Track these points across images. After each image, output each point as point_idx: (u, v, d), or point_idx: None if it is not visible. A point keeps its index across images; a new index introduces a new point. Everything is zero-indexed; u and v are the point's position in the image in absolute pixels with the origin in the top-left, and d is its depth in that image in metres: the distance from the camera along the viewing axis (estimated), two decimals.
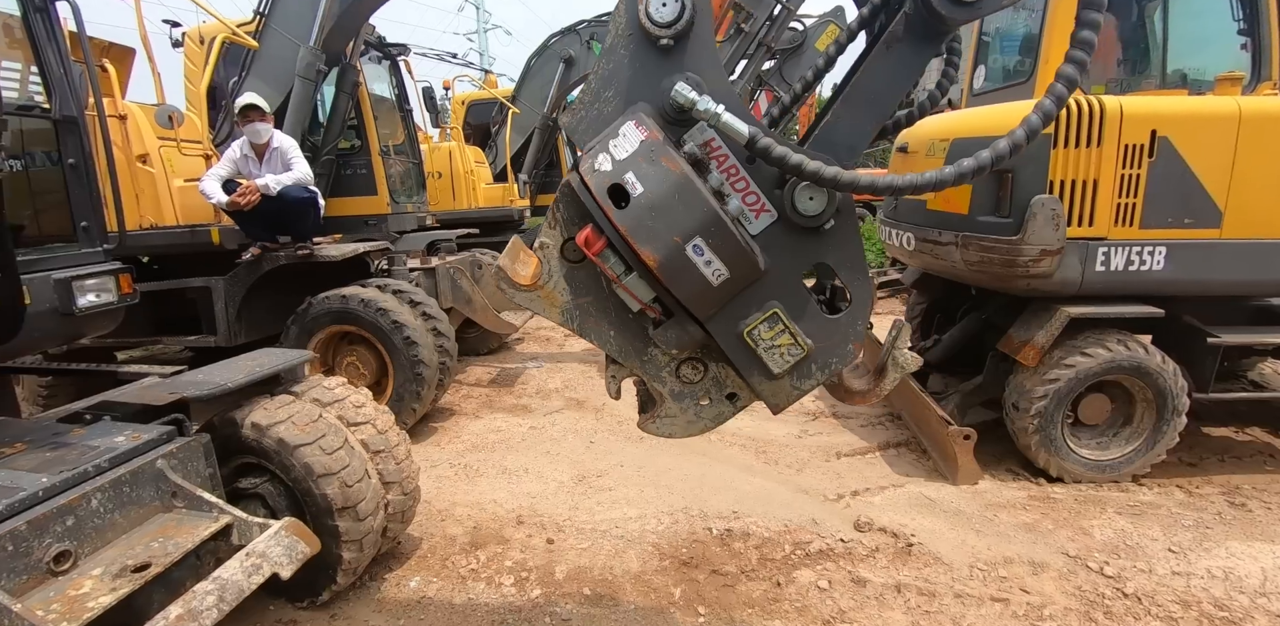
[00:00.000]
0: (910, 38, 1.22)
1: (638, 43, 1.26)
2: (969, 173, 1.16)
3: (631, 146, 1.19)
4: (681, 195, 1.17)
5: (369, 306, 4.29)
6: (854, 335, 1.35)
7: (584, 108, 1.30)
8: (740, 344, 1.32)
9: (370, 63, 5.85)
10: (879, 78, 1.25)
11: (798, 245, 1.30)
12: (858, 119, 1.27)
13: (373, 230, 5.82)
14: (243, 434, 2.49)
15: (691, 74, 1.25)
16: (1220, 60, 4.06)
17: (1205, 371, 3.87)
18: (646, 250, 1.17)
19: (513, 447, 4.63)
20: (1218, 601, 2.84)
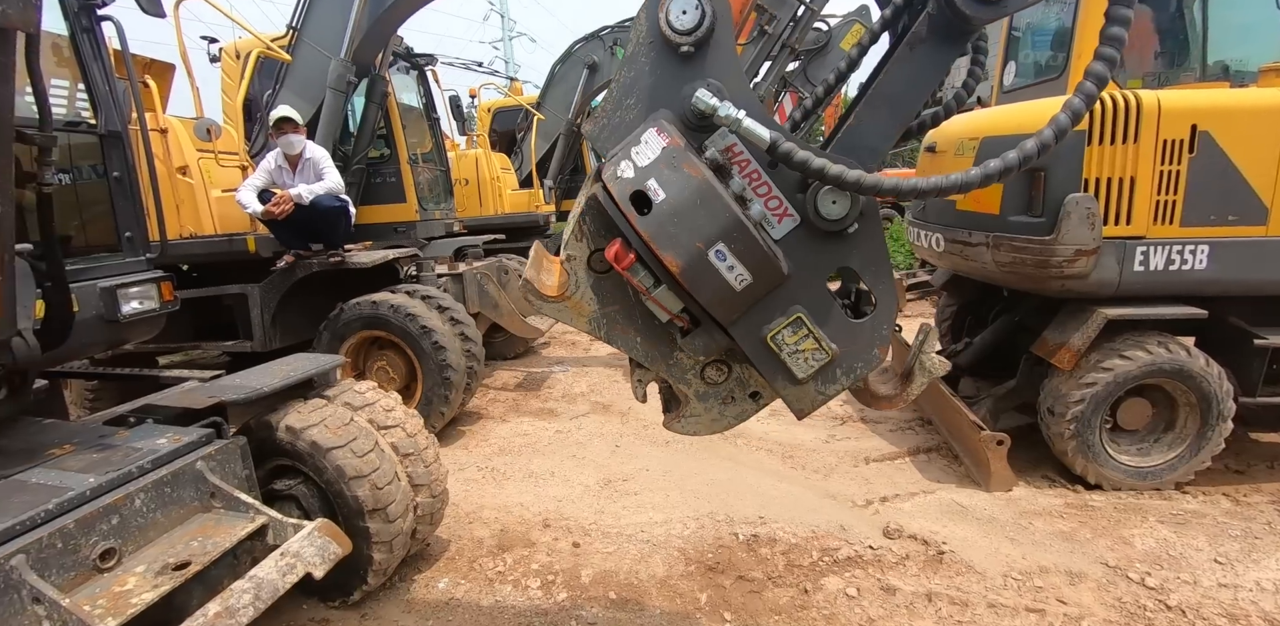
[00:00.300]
0: (933, 38, 1.21)
1: (658, 50, 1.28)
2: (995, 174, 1.15)
3: (653, 153, 1.20)
4: (703, 201, 1.17)
5: (398, 312, 4.37)
6: (879, 339, 1.34)
7: (606, 115, 1.32)
8: (764, 348, 1.32)
9: (398, 73, 5.97)
10: (902, 79, 1.24)
11: (821, 249, 1.30)
12: (881, 121, 1.26)
13: (402, 237, 5.93)
14: (278, 437, 2.55)
15: (712, 80, 1.26)
16: (1265, 50, 3.90)
17: (1253, 374, 3.72)
18: (669, 256, 1.18)
19: (539, 451, 4.66)
20: (1268, 615, 2.72)
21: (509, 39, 23.56)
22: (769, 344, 1.31)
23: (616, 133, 1.31)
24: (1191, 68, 4.11)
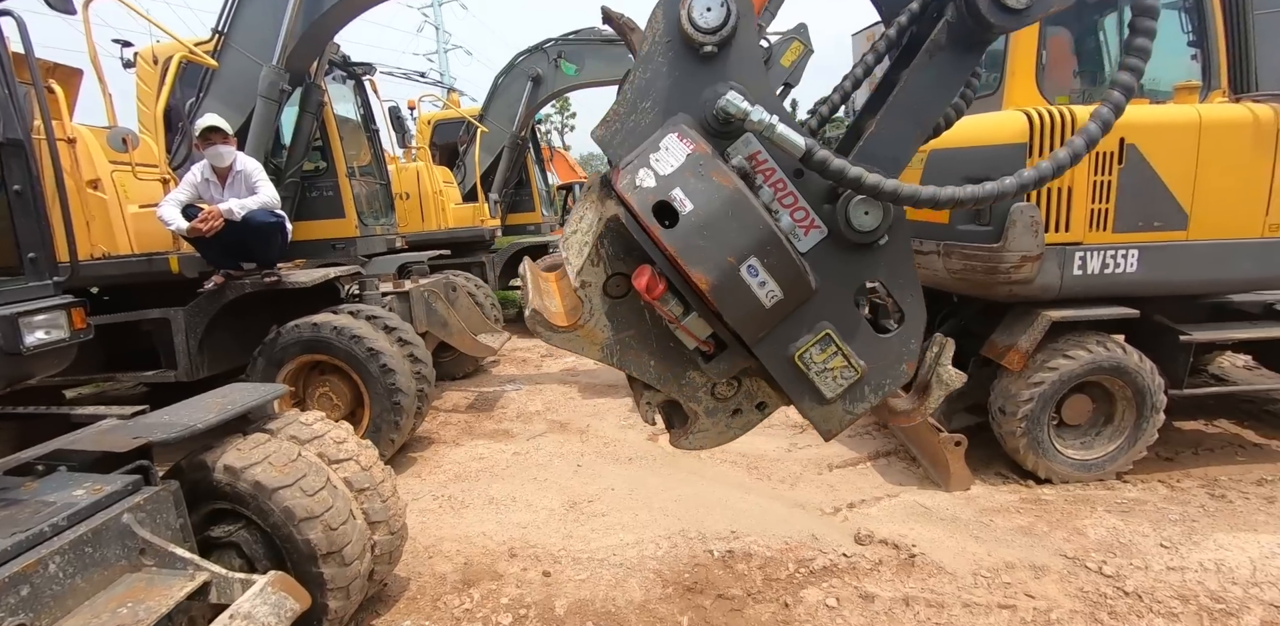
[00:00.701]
0: (952, 46, 1.19)
1: (677, 50, 1.20)
2: (1030, 183, 1.14)
3: (676, 160, 1.11)
4: (735, 212, 1.10)
5: (342, 334, 4.10)
6: (907, 354, 1.30)
7: (618, 119, 1.23)
8: (791, 368, 1.26)
9: (335, 82, 5.70)
10: (921, 88, 1.21)
11: (849, 262, 1.25)
12: (901, 130, 1.23)
13: (340, 254, 5.62)
14: (214, 478, 2.30)
15: (734, 83, 1.19)
16: (1173, 71, 4.23)
17: (1178, 368, 3.98)
18: (698, 272, 1.09)
19: (498, 475, 4.46)
20: (1213, 594, 2.88)
21: (444, 51, 23.14)
22: (797, 363, 1.25)
23: (630, 138, 1.21)
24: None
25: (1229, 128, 3.63)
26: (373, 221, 6.03)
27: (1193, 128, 3.61)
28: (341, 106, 5.78)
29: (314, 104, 5.11)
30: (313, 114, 5.13)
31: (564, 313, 1.24)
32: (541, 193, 10.46)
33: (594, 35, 8.35)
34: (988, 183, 1.14)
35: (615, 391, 6.41)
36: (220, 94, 4.58)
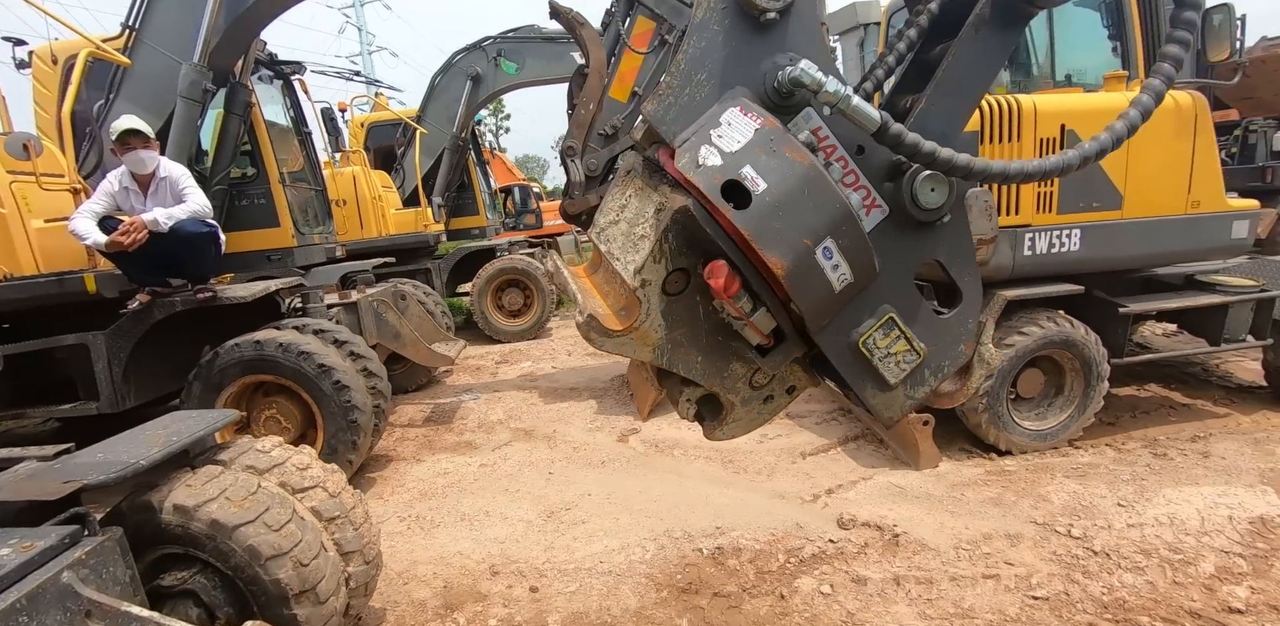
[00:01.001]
0: (995, 21, 1.16)
1: (734, 17, 1.11)
2: (1093, 154, 1.14)
3: (743, 136, 1.03)
4: (812, 190, 1.02)
5: (289, 351, 3.81)
6: (965, 335, 1.27)
7: (672, 92, 1.11)
8: (854, 355, 1.20)
9: (261, 83, 5.31)
10: (968, 63, 1.19)
11: (909, 242, 1.21)
12: (951, 106, 1.20)
13: (276, 266, 5.26)
14: (162, 520, 2.06)
15: (793, 54, 1.12)
16: (1097, 62, 4.47)
17: (1118, 338, 4.23)
18: (773, 256, 1.01)
19: (466, 490, 4.26)
20: (1171, 546, 3.08)
21: (368, 53, 22.19)
22: (861, 350, 1.19)
23: (686, 113, 1.11)
24: (1047, 77, 4.62)
25: (1154, 113, 3.85)
26: (310, 230, 5.67)
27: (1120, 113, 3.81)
28: (270, 108, 5.40)
29: (240, 105, 4.75)
30: (239, 116, 4.76)
31: (613, 314, 1.13)
32: (485, 195, 10.16)
33: (534, 33, 8.16)
34: (1052, 157, 1.13)
35: (577, 394, 6.28)
36: (133, 95, 4.17)
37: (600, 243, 1.15)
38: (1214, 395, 5.09)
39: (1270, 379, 4.75)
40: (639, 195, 1.14)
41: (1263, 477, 3.71)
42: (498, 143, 33.72)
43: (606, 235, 1.15)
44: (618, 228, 1.14)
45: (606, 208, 1.17)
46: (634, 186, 1.15)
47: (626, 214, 1.14)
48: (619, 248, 1.13)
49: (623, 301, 1.15)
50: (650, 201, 1.12)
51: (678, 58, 1.12)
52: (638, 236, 1.12)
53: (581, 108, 5.24)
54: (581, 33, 5.11)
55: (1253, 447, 4.12)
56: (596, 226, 1.16)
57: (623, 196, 1.17)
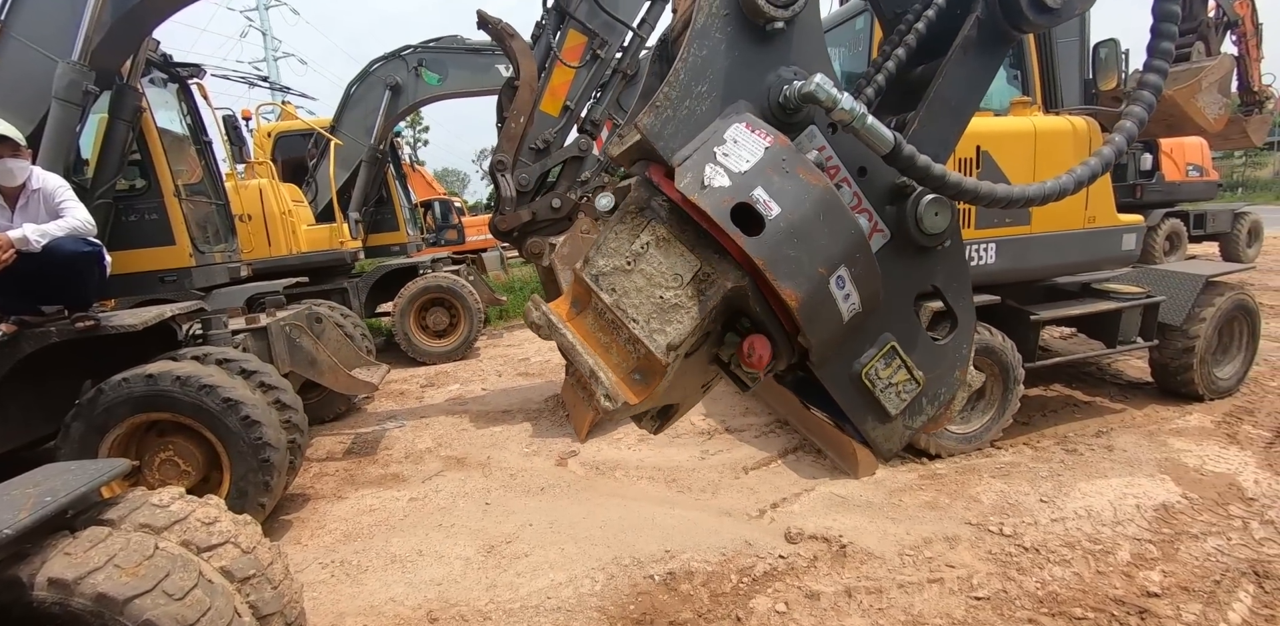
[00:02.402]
0: (984, 42, 1.16)
1: (737, 26, 1.03)
2: (1099, 170, 1.14)
3: (752, 155, 0.95)
4: (827, 215, 0.96)
5: (188, 385, 3.39)
6: (960, 361, 1.24)
7: (670, 105, 1.01)
8: (856, 387, 1.14)
9: (154, 86, 4.80)
10: (958, 83, 1.17)
11: (909, 268, 1.16)
12: (942, 127, 1.17)
13: (171, 288, 4.74)
14: (35, 599, 1.72)
15: (797, 67, 1.05)
16: (999, 89, 4.81)
17: (1030, 344, 4.52)
18: (788, 287, 0.93)
19: (395, 528, 3.95)
20: (1090, 537, 3.29)
21: (273, 59, 20.89)
22: (863, 381, 1.13)
23: (685, 128, 1.01)
24: None
25: (1056, 135, 4.19)
26: (210, 248, 5.16)
27: (1029, 136, 4.11)
28: (164, 114, 4.89)
29: (129, 110, 4.25)
30: (128, 122, 4.26)
31: (625, 381, 0.99)
32: (405, 210, 9.70)
33: (457, 43, 7.92)
34: (1048, 182, 1.12)
35: (511, 417, 6.03)
36: None
37: (602, 291, 1.01)
38: (1109, 392, 5.54)
39: (1156, 376, 5.23)
40: (662, 247, 1.01)
41: (1160, 467, 4.05)
42: (416, 156, 32.64)
43: (614, 285, 1.01)
44: (631, 281, 1.00)
45: (608, 248, 1.03)
46: (654, 233, 1.01)
47: (644, 267, 1.01)
48: (639, 311, 1.00)
49: (634, 364, 1.03)
50: (683, 262, 0.99)
51: (676, 67, 1.02)
52: (669, 304, 0.99)
53: (512, 121, 5.10)
54: (511, 44, 4.99)
55: (1148, 440, 4.49)
56: (594, 268, 1.02)
57: (635, 240, 1.02)
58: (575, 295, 1.05)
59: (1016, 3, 1.12)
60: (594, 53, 5.02)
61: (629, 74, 5.33)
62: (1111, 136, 1.16)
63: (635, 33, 5.14)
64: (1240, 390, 5.22)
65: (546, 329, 1.02)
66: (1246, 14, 8.79)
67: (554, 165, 5.35)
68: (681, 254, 1.00)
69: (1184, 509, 3.57)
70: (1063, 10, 1.14)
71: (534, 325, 1.05)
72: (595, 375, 0.99)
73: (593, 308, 1.04)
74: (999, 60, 1.23)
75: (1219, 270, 5.12)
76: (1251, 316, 5.13)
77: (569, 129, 5.32)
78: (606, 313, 1.02)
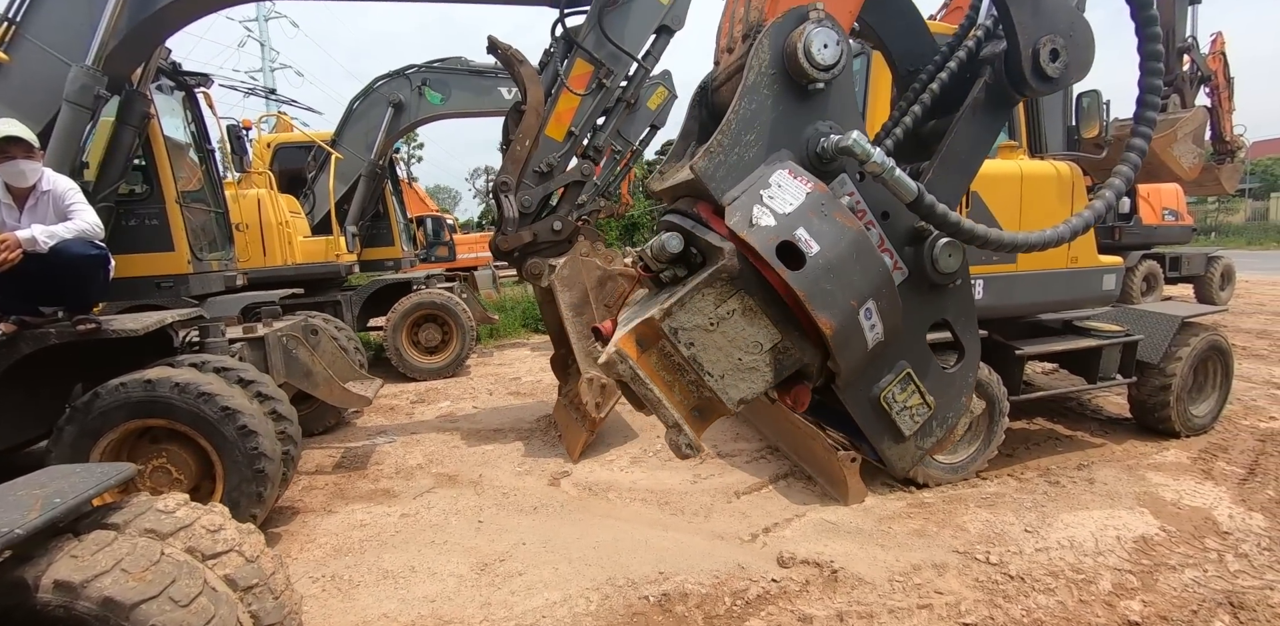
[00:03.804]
0: (991, 103, 1.30)
1: (783, 84, 1.16)
2: (1081, 228, 1.28)
3: (795, 199, 1.07)
4: (860, 255, 1.08)
5: (186, 392, 3.37)
6: (966, 388, 1.34)
7: (722, 151, 1.14)
8: (875, 409, 1.24)
9: (161, 93, 4.84)
10: (967, 141, 1.31)
11: (924, 303, 1.27)
12: (953, 178, 1.29)
13: (166, 294, 4.71)
14: (40, 602, 1.70)
15: (833, 122, 1.18)
16: None
17: (1014, 378, 4.63)
18: (824, 316, 1.05)
19: (387, 544, 3.89)
20: (1074, 567, 3.36)
21: (270, 70, 21.02)
22: (881, 404, 1.23)
23: (735, 172, 1.13)
24: None
25: (1041, 178, 4.39)
26: (208, 255, 5.15)
27: (1016, 178, 4.31)
28: (170, 121, 4.93)
29: (136, 116, 4.28)
30: (135, 127, 4.29)
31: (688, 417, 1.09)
32: (400, 226, 9.74)
33: (460, 65, 8.09)
34: (1048, 231, 1.25)
35: (502, 435, 6.00)
36: (8, 96, 3.66)
37: (680, 344, 1.08)
38: (1090, 427, 5.67)
39: (1134, 412, 5.37)
40: (748, 316, 1.10)
41: (1139, 500, 4.16)
42: (409, 172, 32.79)
43: (693, 340, 1.08)
44: (712, 339, 1.09)
45: (693, 306, 1.09)
46: (742, 302, 1.10)
47: (727, 329, 1.10)
48: (715, 367, 1.09)
49: (695, 403, 1.12)
50: (766, 333, 1.10)
51: (729, 117, 1.14)
52: (745, 366, 1.10)
53: (517, 144, 5.21)
54: (520, 70, 5.12)
55: (1127, 474, 4.60)
56: (675, 321, 1.08)
57: (721, 305, 1.10)
58: (641, 335, 1.10)
59: (1021, 72, 1.26)
60: (600, 82, 5.17)
61: (631, 103, 5.48)
62: (1102, 191, 1.28)
63: (640, 64, 5.31)
64: (1214, 428, 5.38)
65: (631, 381, 1.07)
66: (1219, 68, 9.34)
67: (556, 188, 5.46)
68: (765, 326, 1.11)
69: (1162, 541, 3.65)
70: (1060, 80, 1.29)
71: (614, 372, 1.09)
72: (679, 427, 1.07)
73: (659, 349, 1.10)
74: (1003, 120, 1.37)
75: (1195, 311, 5.33)
76: (1225, 356, 5.32)
77: (571, 154, 5.44)
78: (675, 356, 1.10)
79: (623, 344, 1.08)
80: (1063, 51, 1.26)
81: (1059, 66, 1.26)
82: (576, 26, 5.13)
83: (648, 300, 1.23)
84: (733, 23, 1.28)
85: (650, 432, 5.83)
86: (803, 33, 1.11)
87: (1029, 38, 1.24)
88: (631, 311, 1.30)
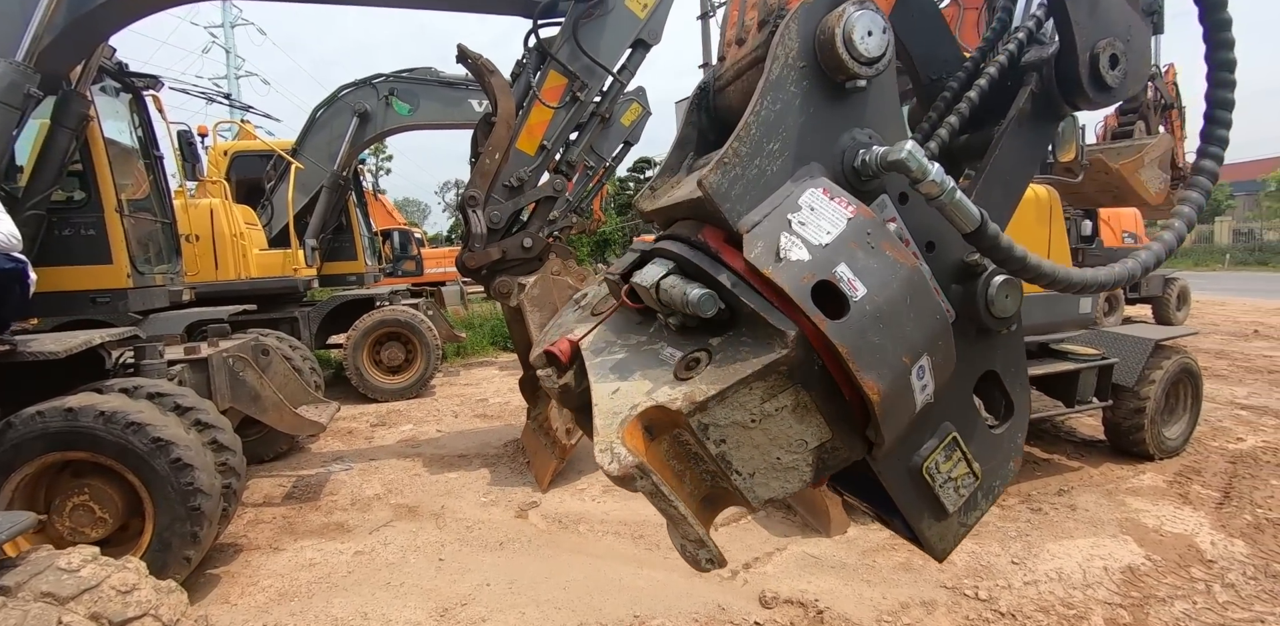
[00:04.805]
0: (1036, 116, 1.13)
1: (814, 79, 0.93)
2: (1171, 249, 1.12)
3: (834, 226, 0.85)
4: (915, 298, 0.87)
5: (113, 421, 3.03)
6: (1015, 450, 1.15)
7: (739, 162, 0.89)
8: (915, 482, 1.02)
9: (104, 94, 4.51)
10: (1013, 158, 1.12)
11: (970, 352, 1.05)
12: (1000, 199, 1.11)
13: (103, 310, 4.35)
14: None
15: (873, 131, 0.97)
16: None
17: (995, 402, 4.55)
18: (870, 378, 0.82)
19: (338, 586, 3.57)
20: (1064, 601, 3.26)
21: (235, 77, 20.40)
22: (924, 476, 1.01)
23: (754, 189, 0.89)
24: None
25: (1022, 202, 4.36)
26: (151, 269, 4.79)
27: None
28: (114, 125, 4.59)
29: (74, 117, 3.96)
30: (71, 130, 3.96)
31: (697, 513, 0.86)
32: (365, 239, 9.39)
33: (430, 76, 7.89)
34: (1130, 260, 1.09)
35: (467, 462, 5.70)
36: None
37: (709, 442, 0.86)
38: (1066, 449, 5.65)
39: (1109, 434, 5.36)
40: (799, 413, 0.89)
41: (1122, 527, 4.10)
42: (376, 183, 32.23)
43: (725, 437, 0.87)
44: (749, 437, 0.88)
45: (734, 400, 0.86)
46: (795, 398, 0.88)
47: (770, 427, 0.88)
48: (746, 465, 0.88)
49: (706, 492, 0.91)
50: (815, 432, 0.89)
51: (748, 120, 0.91)
52: (783, 465, 0.89)
53: (487, 157, 5.01)
54: (491, 81, 4.95)
55: (1107, 499, 4.55)
56: (709, 417, 0.86)
57: (770, 400, 0.88)
58: (652, 421, 0.88)
59: (1076, 79, 1.08)
60: (574, 95, 5.04)
61: (605, 118, 5.35)
62: (1171, 222, 1.14)
63: (615, 78, 5.19)
64: (1186, 450, 5.41)
65: (651, 496, 0.84)
66: (1173, 96, 9.73)
67: (527, 204, 5.27)
68: (818, 424, 0.90)
69: (1149, 571, 3.58)
70: (1118, 91, 1.12)
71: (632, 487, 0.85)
72: (702, 542, 0.85)
73: (673, 437, 0.89)
74: (1050, 135, 1.19)
75: (1167, 334, 5.37)
76: (1195, 379, 5.37)
77: (543, 168, 5.27)
78: (693, 447, 0.89)
79: (630, 439, 0.83)
80: (1122, 58, 1.09)
81: (1118, 75, 1.09)
82: (550, 37, 5.00)
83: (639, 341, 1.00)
84: (743, 9, 1.07)
85: None
86: (842, 16, 0.89)
87: (1087, 41, 1.06)
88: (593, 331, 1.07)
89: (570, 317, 1.20)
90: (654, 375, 0.91)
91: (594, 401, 0.92)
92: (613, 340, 1.02)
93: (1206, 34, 1.08)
